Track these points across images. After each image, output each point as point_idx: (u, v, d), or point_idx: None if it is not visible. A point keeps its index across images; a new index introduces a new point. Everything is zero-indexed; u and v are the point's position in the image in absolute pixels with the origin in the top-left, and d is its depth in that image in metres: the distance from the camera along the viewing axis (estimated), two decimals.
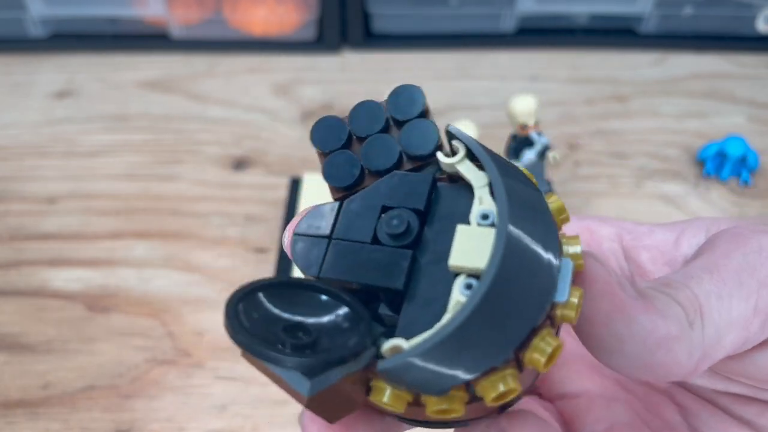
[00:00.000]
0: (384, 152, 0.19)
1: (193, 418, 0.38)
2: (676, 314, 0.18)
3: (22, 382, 0.40)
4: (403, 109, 0.19)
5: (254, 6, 0.62)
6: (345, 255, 0.18)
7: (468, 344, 0.15)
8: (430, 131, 0.19)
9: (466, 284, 0.16)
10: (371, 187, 0.18)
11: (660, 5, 0.61)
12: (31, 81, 0.61)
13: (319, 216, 0.18)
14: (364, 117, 0.19)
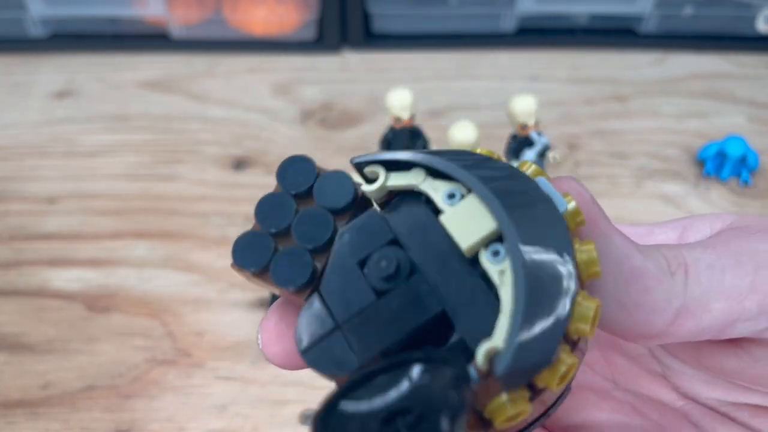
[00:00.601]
0: (314, 226, 0.17)
1: (193, 418, 0.38)
2: (657, 259, 0.17)
3: (22, 382, 0.40)
4: (294, 182, 0.18)
5: (254, 6, 0.62)
6: (366, 326, 0.16)
7: (540, 302, 0.15)
8: (341, 178, 0.18)
9: (493, 252, 0.16)
10: (333, 257, 0.17)
11: (660, 5, 0.61)
12: (31, 81, 0.61)
13: (310, 319, 0.17)
14: (271, 212, 0.18)
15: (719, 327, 0.18)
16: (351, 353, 0.16)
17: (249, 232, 0.18)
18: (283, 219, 0.18)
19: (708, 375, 0.21)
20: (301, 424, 0.38)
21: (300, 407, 0.39)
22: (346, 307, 0.16)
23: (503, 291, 0.15)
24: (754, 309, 0.18)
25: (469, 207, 0.16)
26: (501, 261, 0.16)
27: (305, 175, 0.18)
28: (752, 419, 0.21)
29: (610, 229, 0.17)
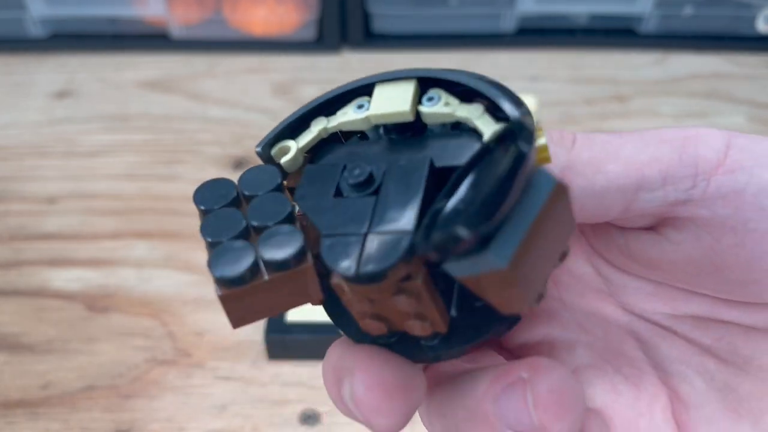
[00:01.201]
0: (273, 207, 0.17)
1: (193, 418, 0.38)
2: (552, 133, 0.18)
3: (22, 382, 0.40)
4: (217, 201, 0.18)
5: (254, 6, 0.62)
6: (388, 212, 0.16)
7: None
8: (262, 171, 0.18)
9: (428, 99, 0.17)
10: (307, 210, 0.17)
11: (660, 5, 0.61)
12: (31, 81, 0.61)
13: (339, 252, 0.16)
14: (224, 224, 0.17)
15: (620, 196, 0.18)
16: (396, 234, 0.15)
17: (216, 250, 0.16)
18: (237, 221, 0.17)
19: (640, 275, 0.21)
20: (301, 424, 0.38)
21: (300, 407, 0.39)
22: (357, 221, 0.16)
23: (460, 110, 0.17)
24: (656, 177, 0.18)
25: (382, 92, 0.18)
26: (439, 99, 0.17)
27: (223, 187, 0.17)
28: (693, 332, 0.21)
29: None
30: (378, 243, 0.15)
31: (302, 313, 0.40)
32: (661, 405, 0.21)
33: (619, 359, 0.21)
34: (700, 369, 0.21)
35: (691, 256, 0.19)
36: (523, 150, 0.14)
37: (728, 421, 0.20)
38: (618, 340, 0.22)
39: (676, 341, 0.21)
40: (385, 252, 0.15)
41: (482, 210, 0.14)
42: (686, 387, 0.21)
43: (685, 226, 0.19)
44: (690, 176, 0.18)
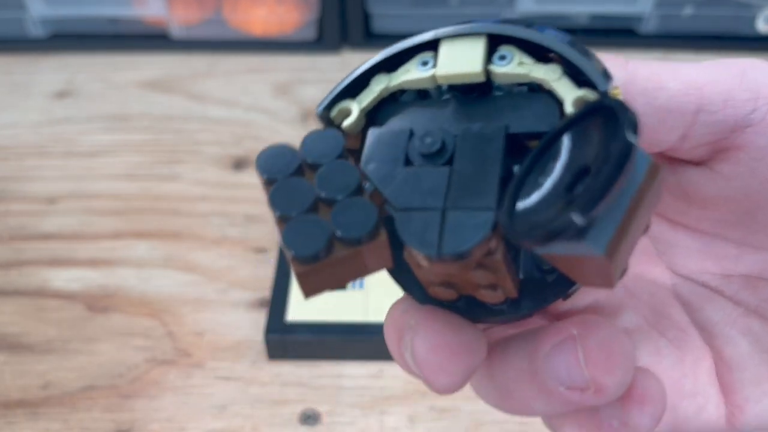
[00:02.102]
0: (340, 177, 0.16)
1: (193, 418, 0.38)
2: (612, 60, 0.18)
3: (22, 382, 0.40)
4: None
5: (254, 6, 0.62)
6: (467, 185, 0.15)
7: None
8: (325, 136, 0.17)
9: (499, 57, 0.16)
10: (379, 182, 0.16)
11: (660, 5, 0.61)
12: (31, 81, 0.61)
13: (419, 229, 0.15)
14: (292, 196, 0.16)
15: (681, 117, 0.18)
16: (478, 211, 0.15)
17: (289, 225, 0.15)
18: (306, 193, 0.16)
19: (691, 225, 0.21)
20: (301, 424, 0.38)
21: (300, 407, 0.39)
22: (434, 194, 0.15)
23: (535, 71, 0.16)
24: (716, 98, 0.18)
25: (449, 49, 0.16)
26: (512, 58, 0.16)
27: (285, 156, 0.16)
28: (740, 292, 0.21)
29: None
30: (459, 220, 0.15)
31: (302, 313, 0.40)
32: (705, 367, 0.21)
33: (664, 323, 0.21)
34: (745, 330, 0.21)
35: (747, 190, 0.19)
36: (630, 141, 0.13)
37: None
38: (664, 303, 0.22)
39: (721, 303, 0.21)
40: (468, 230, 0.15)
41: (592, 198, 0.13)
42: (731, 348, 0.21)
43: (740, 159, 0.18)
44: (751, 99, 0.18)
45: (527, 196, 0.14)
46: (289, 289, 0.42)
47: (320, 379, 0.40)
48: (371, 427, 0.38)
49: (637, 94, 0.17)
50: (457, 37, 0.17)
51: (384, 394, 0.39)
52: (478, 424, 0.38)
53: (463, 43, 0.16)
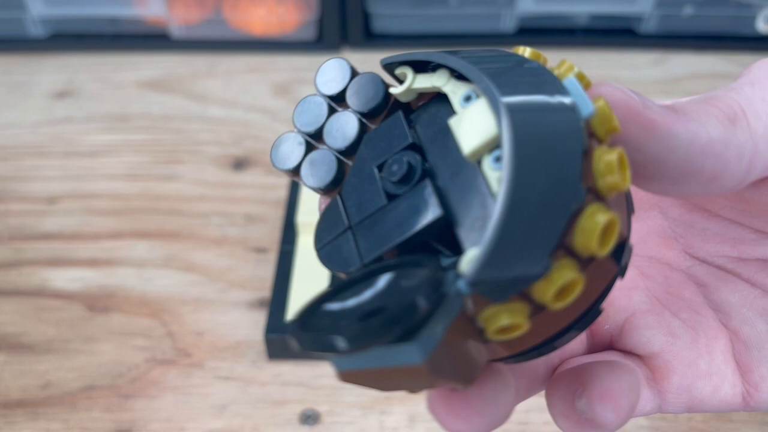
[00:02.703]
0: (342, 129, 0.18)
1: (193, 418, 0.38)
2: (715, 115, 0.16)
3: (22, 382, 0.40)
4: (327, 88, 0.19)
5: (254, 6, 0.62)
6: (373, 229, 0.17)
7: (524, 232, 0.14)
8: (373, 81, 0.18)
9: (495, 158, 0.15)
10: (355, 161, 0.18)
11: (660, 5, 0.61)
12: (31, 81, 0.61)
13: (328, 219, 0.18)
14: (307, 114, 0.19)
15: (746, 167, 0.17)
16: (356, 253, 0.17)
17: (285, 135, 0.18)
18: (316, 121, 0.18)
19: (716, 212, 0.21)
20: (301, 424, 0.38)
21: (300, 407, 0.39)
22: (360, 209, 0.17)
23: (498, 201, 0.14)
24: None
25: (478, 110, 0.15)
26: (499, 168, 0.15)
27: (341, 74, 0.18)
28: (757, 274, 0.21)
29: (667, 123, 0.16)
30: (344, 244, 0.17)
31: None
32: (720, 346, 0.21)
33: (678, 303, 0.22)
34: (763, 311, 0.21)
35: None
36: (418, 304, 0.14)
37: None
38: (678, 284, 0.22)
39: (738, 284, 0.21)
40: (336, 257, 0.17)
41: (358, 339, 0.13)
42: (747, 328, 0.21)
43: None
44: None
45: (336, 302, 0.15)
46: (289, 289, 0.42)
47: (320, 379, 0.40)
48: (371, 427, 0.38)
49: (758, 164, 0.17)
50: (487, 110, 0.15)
51: (384, 394, 0.39)
52: None
53: (486, 120, 0.15)
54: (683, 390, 0.21)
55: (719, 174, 0.17)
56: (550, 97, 0.15)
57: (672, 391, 0.21)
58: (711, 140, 0.16)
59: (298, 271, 0.43)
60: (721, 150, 0.16)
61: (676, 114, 0.17)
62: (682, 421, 0.38)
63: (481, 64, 0.16)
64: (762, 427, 0.37)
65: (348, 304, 0.15)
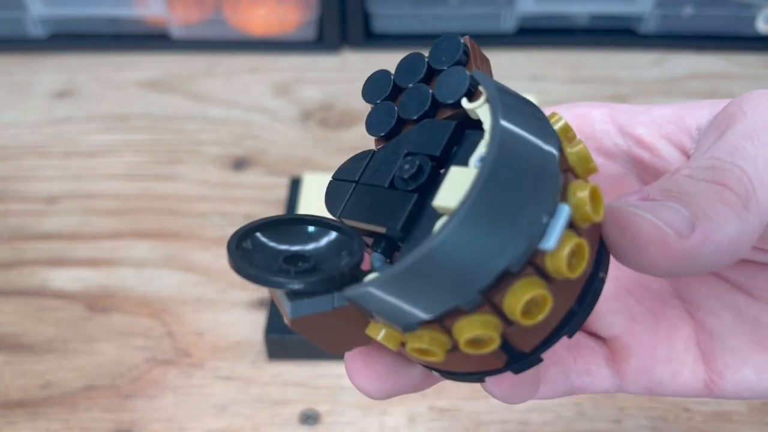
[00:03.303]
0: (417, 101, 0.19)
1: (193, 418, 0.38)
2: (730, 204, 0.16)
3: (22, 382, 0.40)
4: (440, 58, 0.19)
5: (254, 6, 0.62)
6: (363, 198, 0.18)
7: (429, 280, 0.14)
8: (462, 79, 0.18)
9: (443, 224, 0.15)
10: (402, 135, 0.19)
11: (660, 5, 0.61)
12: (31, 81, 0.61)
13: (357, 161, 0.19)
14: (406, 69, 0.19)
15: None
16: (343, 205, 0.18)
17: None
18: (413, 77, 0.19)
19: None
20: (301, 424, 0.38)
21: (300, 407, 0.39)
22: (371, 176, 0.18)
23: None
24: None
25: (469, 178, 0.15)
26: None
27: (451, 53, 0.19)
28: (728, 270, 0.22)
29: (689, 249, 0.16)
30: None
31: None
32: (683, 334, 0.22)
33: (644, 292, 0.23)
34: (730, 304, 0.22)
35: None
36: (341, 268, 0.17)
37: (753, 352, 0.21)
38: (648, 276, 0.22)
39: (708, 278, 0.22)
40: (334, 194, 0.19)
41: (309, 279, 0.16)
42: (713, 319, 0.22)
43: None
44: None
45: (272, 237, 0.18)
46: None
47: (320, 379, 0.40)
48: (371, 427, 0.38)
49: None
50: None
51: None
52: (478, 424, 0.38)
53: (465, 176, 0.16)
54: (641, 372, 0.22)
55: (731, 261, 0.16)
56: (543, 142, 0.15)
57: (630, 372, 0.22)
58: (730, 241, 0.16)
59: None
60: (737, 245, 0.16)
61: (702, 231, 0.16)
62: (682, 421, 0.38)
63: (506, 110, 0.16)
64: (762, 427, 0.37)
65: (282, 244, 0.17)
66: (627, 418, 0.38)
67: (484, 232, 0.14)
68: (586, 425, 0.38)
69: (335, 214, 0.18)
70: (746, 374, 0.21)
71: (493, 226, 0.14)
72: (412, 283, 0.14)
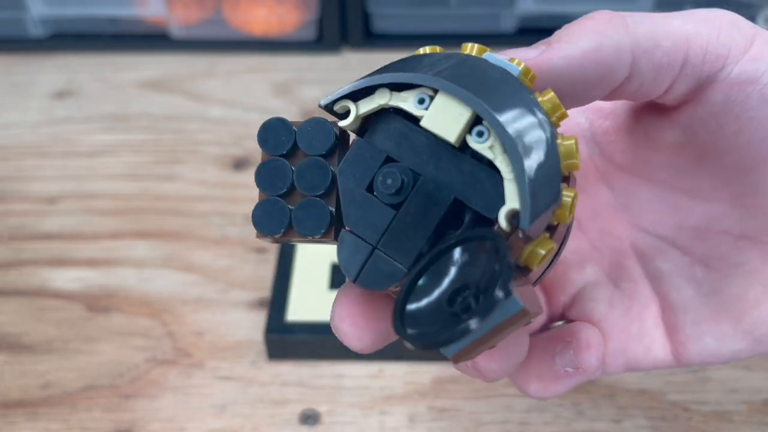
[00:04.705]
0: (316, 174, 0.19)
1: (193, 418, 0.38)
2: (589, 27, 0.20)
3: (22, 382, 0.40)
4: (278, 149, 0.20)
5: (254, 6, 0.62)
6: (398, 238, 0.18)
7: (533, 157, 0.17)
8: (318, 124, 0.19)
9: (477, 133, 0.18)
10: (341, 194, 0.19)
11: (660, 5, 0.61)
12: (31, 81, 0.61)
13: (349, 252, 0.19)
14: (270, 178, 0.20)
15: (671, 70, 0.20)
16: (395, 263, 0.18)
17: (260, 203, 0.19)
18: (285, 179, 0.19)
19: (649, 177, 0.24)
20: (301, 424, 0.38)
21: (300, 407, 0.39)
22: (374, 229, 0.18)
23: (499, 161, 0.17)
24: (698, 53, 0.19)
25: (442, 104, 0.18)
26: (487, 138, 0.17)
27: (285, 134, 0.19)
28: (691, 241, 0.24)
29: (539, 60, 0.19)
30: (379, 262, 0.18)
31: (302, 313, 0.40)
32: (651, 312, 0.24)
33: (620, 273, 0.25)
34: (690, 277, 0.24)
35: (697, 140, 0.21)
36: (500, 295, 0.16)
37: (713, 322, 0.23)
38: (622, 256, 0.25)
39: (672, 254, 0.24)
40: (381, 275, 0.18)
41: (447, 338, 0.16)
42: (675, 294, 0.24)
43: (696, 112, 0.21)
44: (722, 57, 0.20)
45: (418, 300, 0.17)
46: (289, 289, 0.42)
47: (320, 379, 0.40)
48: (371, 427, 0.38)
49: (641, 55, 0.19)
50: (453, 96, 0.18)
51: (384, 394, 0.39)
52: (478, 424, 0.38)
53: (454, 108, 0.18)
54: (618, 353, 0.24)
55: (605, 72, 0.19)
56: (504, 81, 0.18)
57: (609, 354, 0.24)
58: (584, 52, 0.19)
59: (298, 271, 0.43)
60: (596, 56, 0.19)
61: (550, 46, 0.19)
62: (682, 421, 0.38)
63: (426, 70, 0.18)
64: (762, 427, 0.38)
65: (433, 295, 0.17)
66: (627, 418, 0.38)
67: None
68: (586, 425, 0.38)
69: (400, 276, 0.18)
70: (707, 342, 0.23)
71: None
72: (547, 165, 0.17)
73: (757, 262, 0.22)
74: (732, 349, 0.22)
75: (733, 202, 0.22)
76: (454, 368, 0.24)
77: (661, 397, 0.39)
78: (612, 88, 0.20)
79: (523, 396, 0.39)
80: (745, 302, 0.22)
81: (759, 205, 0.22)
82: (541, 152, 0.17)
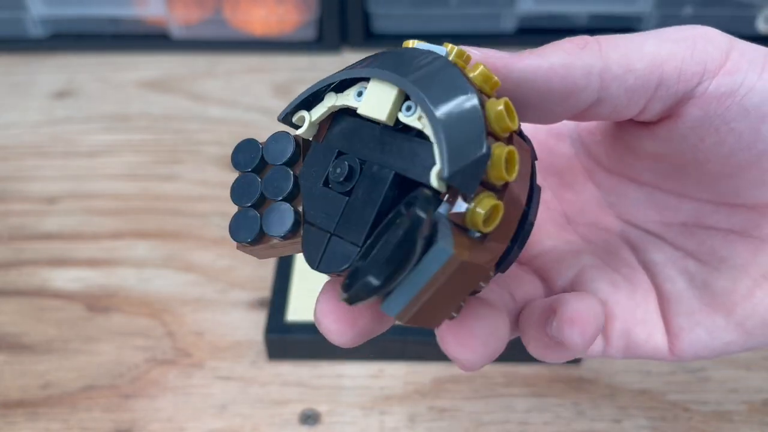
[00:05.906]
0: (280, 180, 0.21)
1: (193, 418, 0.38)
2: (564, 47, 0.20)
3: (22, 382, 0.40)
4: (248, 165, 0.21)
5: (254, 6, 0.62)
6: (350, 221, 0.19)
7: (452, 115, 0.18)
8: (280, 137, 0.21)
9: (406, 108, 0.19)
10: (303, 192, 0.20)
11: (660, 5, 0.61)
12: (31, 81, 0.61)
13: (309, 243, 0.20)
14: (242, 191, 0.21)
15: (644, 92, 0.20)
16: (349, 245, 0.19)
17: (235, 215, 0.21)
18: (254, 190, 0.21)
19: (635, 177, 0.24)
20: (301, 424, 0.38)
21: (300, 407, 0.39)
22: (330, 217, 0.19)
23: (427, 129, 0.18)
24: (672, 74, 0.20)
25: (373, 90, 0.19)
26: (415, 111, 0.18)
27: (253, 152, 0.21)
28: (679, 237, 0.24)
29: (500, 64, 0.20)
30: (335, 247, 0.19)
31: (302, 313, 0.40)
32: (652, 300, 0.24)
33: (617, 261, 0.25)
34: (683, 270, 0.24)
35: (678, 150, 0.22)
36: (419, 216, 0.17)
37: (704, 314, 0.23)
38: (615, 246, 0.25)
39: (663, 247, 0.24)
40: (337, 257, 0.19)
41: (384, 269, 0.16)
42: (669, 285, 0.24)
43: (677, 126, 0.21)
44: (698, 74, 0.20)
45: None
46: (289, 289, 0.42)
47: (320, 379, 0.40)
48: (371, 427, 0.38)
49: (611, 80, 0.20)
50: (382, 80, 0.19)
51: (384, 394, 0.39)
52: (478, 424, 0.38)
53: (383, 89, 0.19)
54: (623, 334, 0.23)
55: (570, 91, 0.20)
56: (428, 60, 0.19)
57: (614, 335, 0.23)
58: (552, 66, 0.19)
59: (298, 271, 0.43)
60: (564, 72, 0.19)
61: (519, 55, 0.20)
62: (682, 421, 0.38)
63: (363, 66, 0.19)
64: (762, 427, 0.38)
65: (368, 259, 0.18)
66: (627, 418, 0.38)
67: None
68: (586, 425, 0.38)
69: (354, 255, 0.19)
70: (699, 334, 0.23)
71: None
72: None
73: (746, 255, 0.23)
74: (724, 341, 0.23)
75: (718, 201, 0.23)
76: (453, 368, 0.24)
77: (661, 397, 0.39)
78: (579, 110, 0.20)
79: (524, 396, 0.39)
80: (736, 295, 0.22)
81: (744, 204, 0.22)
82: (460, 111, 0.17)
